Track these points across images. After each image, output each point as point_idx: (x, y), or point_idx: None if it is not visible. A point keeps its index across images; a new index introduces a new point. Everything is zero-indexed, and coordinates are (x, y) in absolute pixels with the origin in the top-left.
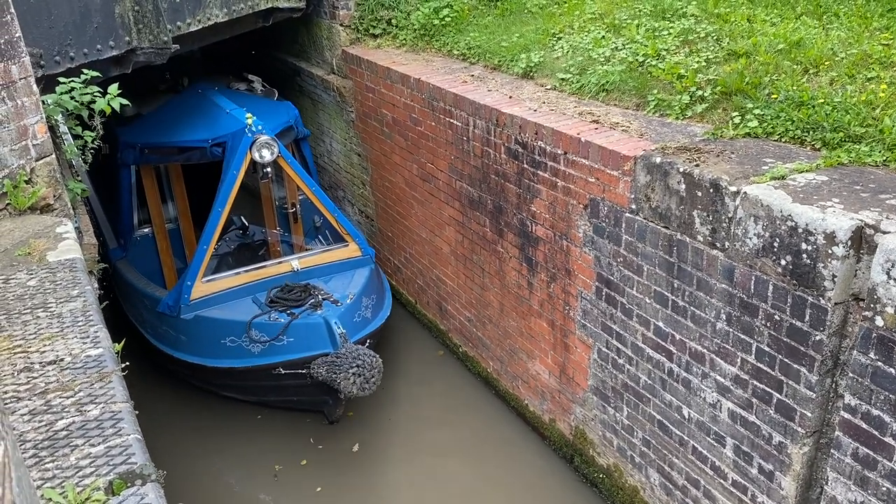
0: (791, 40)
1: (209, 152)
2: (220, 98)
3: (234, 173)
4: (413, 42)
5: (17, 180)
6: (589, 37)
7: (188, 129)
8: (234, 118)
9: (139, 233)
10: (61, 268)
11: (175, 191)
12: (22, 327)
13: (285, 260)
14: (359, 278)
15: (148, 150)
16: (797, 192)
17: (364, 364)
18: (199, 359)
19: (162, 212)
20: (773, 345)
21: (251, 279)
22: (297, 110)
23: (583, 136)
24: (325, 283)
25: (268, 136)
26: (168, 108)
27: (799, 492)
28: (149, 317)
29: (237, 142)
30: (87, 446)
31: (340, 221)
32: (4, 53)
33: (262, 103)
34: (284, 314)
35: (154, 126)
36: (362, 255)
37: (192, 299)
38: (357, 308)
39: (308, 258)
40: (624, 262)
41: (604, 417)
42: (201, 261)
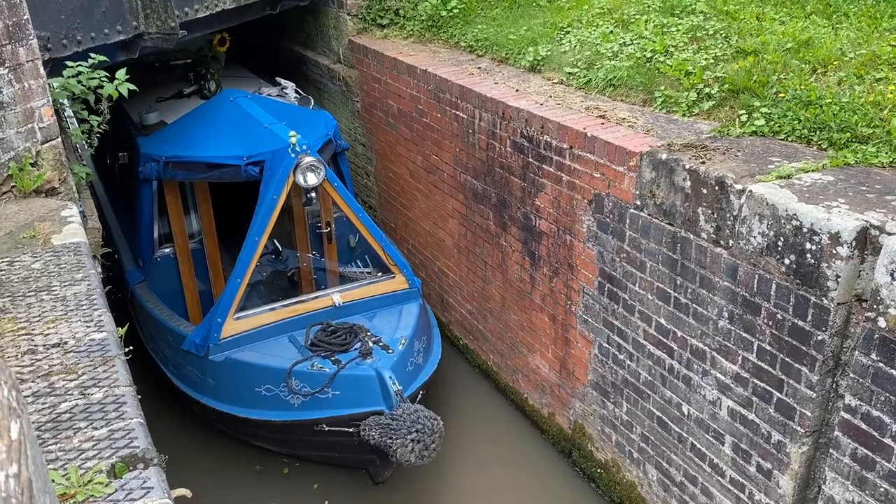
0: (800, 39)
1: (244, 172)
2: (256, 108)
3: (274, 199)
4: (420, 33)
5: (23, 163)
6: (597, 31)
7: (219, 144)
8: (273, 135)
9: (160, 253)
10: (66, 251)
11: (200, 208)
12: (26, 310)
13: (325, 294)
14: (408, 317)
15: (173, 165)
16: (803, 191)
17: (424, 429)
18: (229, 407)
19: (186, 231)
20: (775, 344)
21: (288, 315)
22: (335, 121)
23: (589, 130)
24: (369, 320)
25: (313, 157)
26: (196, 118)
27: (797, 491)
28: (172, 354)
29: (278, 162)
30: (90, 429)
31: (388, 251)
32: (13, 35)
33: (298, 114)
34: (328, 361)
35: (180, 138)
36: (409, 288)
37: (223, 338)
38: (409, 355)
39: (350, 291)
40: (627, 259)
41: (603, 413)
42: (234, 296)
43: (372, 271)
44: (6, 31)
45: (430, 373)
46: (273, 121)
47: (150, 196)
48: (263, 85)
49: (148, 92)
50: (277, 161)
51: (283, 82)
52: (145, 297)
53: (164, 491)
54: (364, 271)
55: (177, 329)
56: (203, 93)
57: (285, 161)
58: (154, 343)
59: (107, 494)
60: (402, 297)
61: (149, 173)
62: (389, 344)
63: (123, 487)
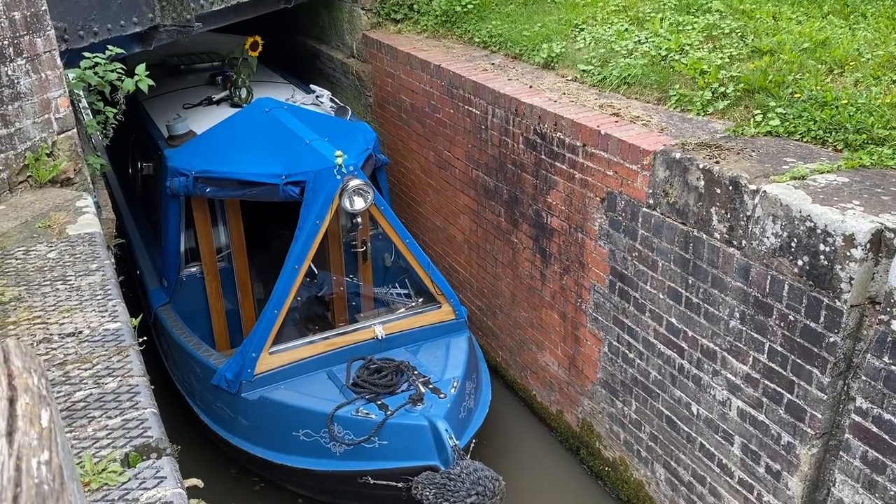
0: (816, 39)
1: (282, 191)
2: (294, 121)
3: (317, 224)
4: (434, 28)
5: (39, 153)
6: (612, 29)
7: (255, 160)
8: (316, 153)
9: (186, 272)
10: (81, 241)
11: (230, 224)
12: (42, 299)
13: (367, 325)
14: (457, 353)
15: (202, 181)
16: (817, 192)
17: (485, 492)
18: (263, 451)
19: (214, 249)
20: (786, 345)
21: (326, 349)
22: (374, 133)
23: (602, 128)
24: (413, 354)
25: (361, 180)
26: (228, 129)
27: (806, 493)
28: (199, 387)
29: (322, 184)
30: (105, 418)
31: (435, 280)
32: (31, 26)
33: (337, 126)
34: (374, 406)
35: (211, 151)
36: (456, 319)
37: (257, 374)
38: (462, 399)
39: (394, 323)
40: (639, 257)
41: (611, 411)
42: (270, 329)
43: (410, 293)
44: (24, 22)
45: (482, 418)
46: (314, 136)
47: (178, 212)
48: (297, 92)
49: (173, 97)
50: (321, 183)
51: (317, 90)
52: (171, 322)
53: (176, 480)
54: (400, 293)
55: (206, 361)
56: (233, 100)
57: (330, 183)
58: (180, 373)
59: (120, 483)
60: (449, 329)
61: (177, 189)
62: (440, 387)
63: (137, 476)
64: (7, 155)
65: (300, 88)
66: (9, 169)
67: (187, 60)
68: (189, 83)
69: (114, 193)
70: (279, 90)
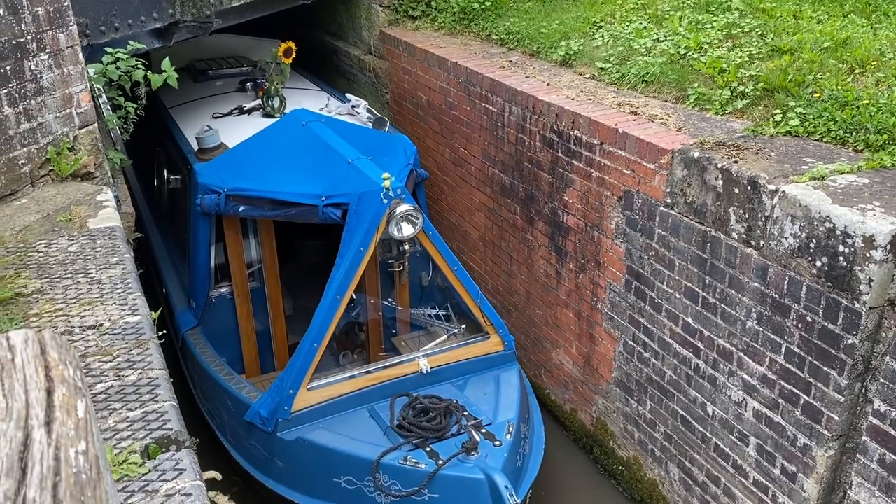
0: (838, 38)
1: (321, 213)
2: (333, 136)
3: (361, 251)
4: (452, 25)
5: (61, 147)
6: (630, 27)
7: (292, 178)
8: (360, 173)
9: (215, 293)
10: (101, 235)
11: (263, 243)
12: (63, 291)
13: (410, 358)
14: (509, 390)
15: (235, 199)
16: (837, 193)
17: None
18: (301, 497)
19: (245, 270)
20: (804, 346)
21: (368, 384)
22: (414, 146)
23: (620, 126)
24: (460, 390)
25: (409, 204)
26: (262, 143)
27: (821, 495)
28: (231, 421)
29: (367, 208)
30: (125, 410)
31: (484, 310)
32: (53, 21)
33: (377, 141)
34: (423, 453)
35: (244, 167)
36: (505, 350)
37: (294, 412)
38: (517, 445)
39: (439, 355)
40: (655, 256)
41: (626, 410)
42: (308, 364)
43: (451, 315)
44: (47, 17)
45: (538, 465)
46: (357, 154)
47: (208, 231)
48: (331, 100)
49: (201, 105)
50: (366, 206)
51: (352, 99)
52: (200, 349)
53: (195, 473)
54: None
55: (238, 395)
56: (265, 110)
57: (376, 207)
58: (210, 405)
59: (140, 474)
60: (497, 361)
61: (208, 207)
62: (494, 432)
63: (157, 468)
64: (29, 149)
65: (334, 96)
66: (31, 163)
67: (215, 66)
68: (217, 90)
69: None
70: (312, 98)
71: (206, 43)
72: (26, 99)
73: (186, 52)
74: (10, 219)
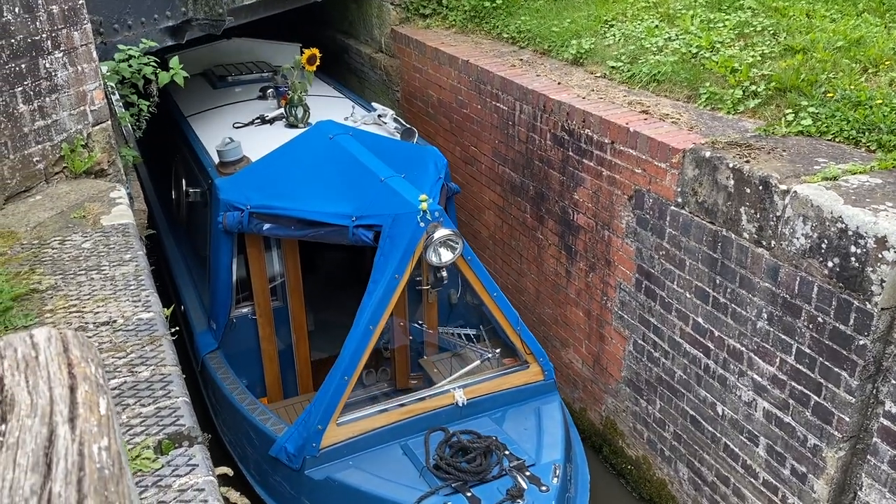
0: (851, 38)
1: (351, 234)
2: (362, 150)
3: (396, 278)
4: (463, 24)
5: (75, 144)
6: (642, 25)
7: (319, 195)
8: (394, 193)
9: (236, 313)
10: (114, 232)
11: (287, 263)
12: (77, 288)
13: (445, 390)
14: (551, 425)
15: (259, 217)
16: (849, 193)
17: None
18: None
19: (268, 290)
20: (815, 347)
21: (400, 418)
22: (445, 159)
23: (631, 126)
24: (498, 424)
25: (449, 228)
26: (286, 157)
27: (832, 496)
28: (254, 455)
29: (402, 232)
30: (138, 406)
31: (525, 337)
32: (68, 19)
33: (407, 154)
34: (464, 499)
35: (268, 182)
36: (545, 380)
37: (323, 448)
38: (565, 490)
39: (476, 386)
40: (666, 256)
41: (635, 409)
42: (339, 398)
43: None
44: (62, 15)
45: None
46: (389, 172)
47: (229, 250)
48: (356, 109)
49: (221, 114)
50: (401, 230)
51: (379, 108)
52: (221, 374)
53: (208, 469)
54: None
55: (263, 428)
56: (289, 120)
57: (412, 231)
58: (232, 435)
59: (154, 469)
60: (537, 392)
61: (230, 225)
62: (539, 475)
63: (170, 463)
64: (44, 146)
65: (359, 104)
66: (45, 160)
67: (234, 71)
68: (238, 97)
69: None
70: (336, 107)
71: (225, 47)
72: (41, 96)
73: (205, 57)
74: (25, 215)
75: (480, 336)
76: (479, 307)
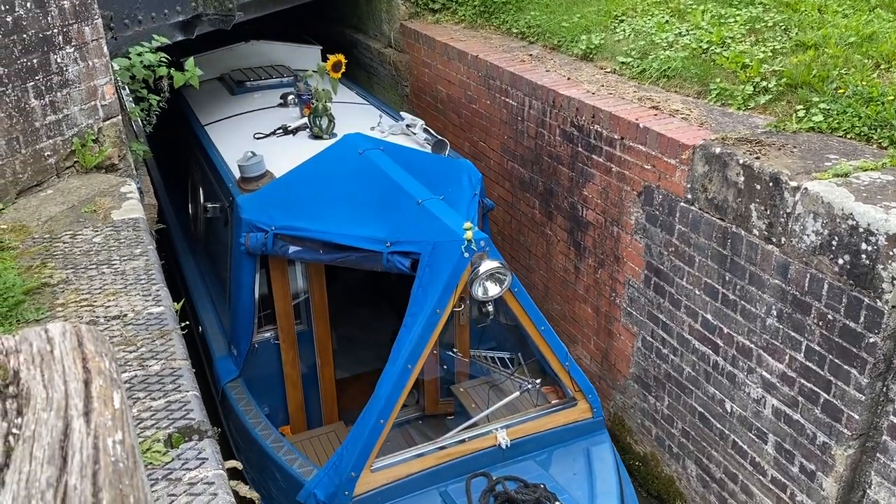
0: (863, 33)
1: (386, 261)
2: (395, 168)
3: (437, 314)
4: (472, 19)
5: (86, 139)
6: (652, 21)
7: (350, 217)
8: (434, 218)
9: (258, 338)
10: (125, 226)
11: (312, 285)
12: (88, 282)
13: (487, 431)
14: (604, 470)
15: (285, 240)
16: (860, 190)
17: None
18: None
19: (292, 313)
20: (824, 344)
21: (438, 461)
22: (479, 173)
23: (641, 121)
24: (545, 468)
25: (495, 259)
26: (313, 173)
27: (840, 494)
28: (280, 496)
29: (443, 262)
30: (149, 399)
31: (573, 374)
32: (79, 14)
33: (440, 168)
34: None
35: (293, 201)
36: (593, 417)
37: (356, 496)
38: None
39: (520, 426)
40: (675, 252)
41: (644, 406)
42: (374, 443)
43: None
44: (73, 10)
45: None
46: (427, 193)
47: (252, 273)
48: (383, 118)
49: (240, 123)
50: (443, 260)
51: (407, 118)
52: (244, 407)
53: (217, 462)
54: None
55: (290, 470)
56: (313, 130)
57: (455, 263)
58: (255, 473)
59: (164, 463)
60: (584, 430)
61: (253, 247)
62: None
63: (180, 457)
64: (55, 141)
65: (386, 112)
66: (56, 154)
67: (253, 76)
68: (257, 104)
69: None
70: (362, 115)
71: (242, 51)
72: (52, 91)
73: (221, 61)
74: (37, 209)
75: (515, 360)
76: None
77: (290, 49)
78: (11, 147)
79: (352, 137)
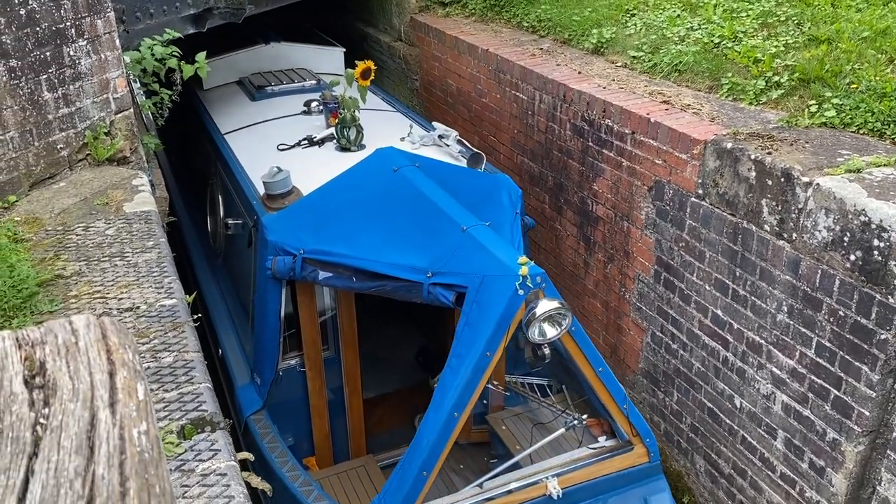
0: (877, 28)
1: (426, 294)
2: (434, 188)
3: (487, 357)
4: (482, 12)
5: (98, 132)
6: (664, 15)
7: (386, 242)
8: (482, 249)
9: (283, 365)
10: (137, 219)
11: (341, 311)
12: (101, 274)
13: (536, 480)
14: None
15: (314, 265)
16: (873, 186)
17: None
18: None
19: (319, 340)
20: (835, 340)
21: None
22: (519, 190)
23: (652, 116)
24: None
25: (554, 298)
26: (343, 191)
27: (850, 490)
28: None
29: (494, 299)
30: (161, 391)
31: (631, 418)
32: (91, 8)
33: (478, 185)
34: None
35: (324, 222)
36: (650, 462)
37: None
38: None
39: (572, 474)
40: (686, 248)
41: (652, 401)
42: (417, 495)
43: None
44: (86, 4)
45: None
46: (472, 219)
47: (278, 299)
48: (414, 128)
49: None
50: (493, 297)
51: (440, 128)
52: (269, 445)
53: (230, 454)
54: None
55: None
56: (340, 142)
57: (507, 300)
58: None
59: (177, 454)
60: (640, 476)
61: (280, 271)
62: None
63: (192, 448)
64: (68, 133)
65: (415, 121)
66: (69, 147)
67: (275, 80)
68: (279, 111)
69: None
70: (392, 124)
71: (262, 53)
72: (65, 84)
73: (240, 64)
74: (50, 202)
75: (554, 387)
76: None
77: (311, 51)
78: (25, 140)
79: (385, 152)
